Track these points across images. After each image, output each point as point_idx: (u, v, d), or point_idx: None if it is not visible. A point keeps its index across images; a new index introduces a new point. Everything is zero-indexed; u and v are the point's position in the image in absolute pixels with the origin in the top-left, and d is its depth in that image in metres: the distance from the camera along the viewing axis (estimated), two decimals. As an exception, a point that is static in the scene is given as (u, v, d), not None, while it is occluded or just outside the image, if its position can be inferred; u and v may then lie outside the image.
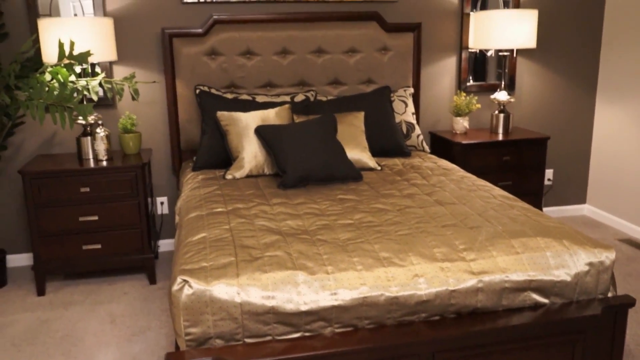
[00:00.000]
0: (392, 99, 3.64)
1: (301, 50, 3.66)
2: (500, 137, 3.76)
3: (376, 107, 3.47)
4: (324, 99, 3.58)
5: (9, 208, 3.61)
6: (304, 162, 2.85)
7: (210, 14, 3.53)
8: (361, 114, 3.32)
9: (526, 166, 3.78)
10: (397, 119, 3.60)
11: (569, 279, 2.03)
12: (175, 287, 1.82)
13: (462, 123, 3.86)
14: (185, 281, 1.82)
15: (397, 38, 3.77)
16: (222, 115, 3.18)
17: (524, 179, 3.80)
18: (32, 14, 3.38)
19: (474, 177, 2.97)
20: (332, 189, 2.79)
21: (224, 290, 1.81)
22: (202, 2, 3.55)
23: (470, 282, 1.95)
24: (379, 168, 3.16)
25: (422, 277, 1.93)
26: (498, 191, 2.71)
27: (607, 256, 2.08)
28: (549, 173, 4.34)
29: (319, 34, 3.66)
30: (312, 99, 3.54)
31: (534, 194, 3.85)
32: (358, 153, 3.13)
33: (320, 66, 3.69)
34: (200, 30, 3.51)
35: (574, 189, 4.46)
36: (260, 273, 1.87)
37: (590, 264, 2.06)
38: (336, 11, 3.68)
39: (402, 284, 1.90)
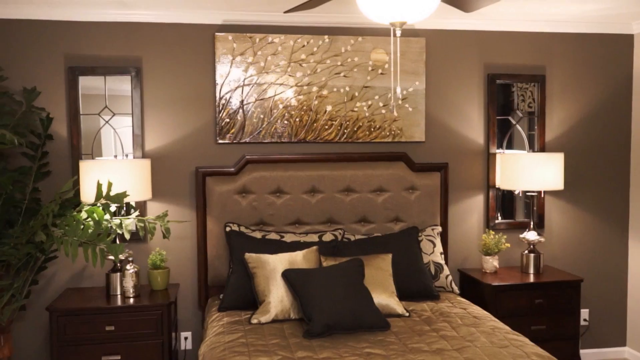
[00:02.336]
0: (420, 238, 3.64)
1: (330, 189, 3.73)
2: (532, 279, 3.68)
3: (404, 248, 3.46)
4: (352, 237, 3.60)
5: (33, 342, 3.59)
6: (330, 310, 2.81)
7: (243, 154, 3.67)
8: (389, 257, 3.30)
9: (560, 309, 3.65)
10: (425, 259, 3.57)
11: None
12: None
13: (491, 262, 3.81)
14: None
15: (424, 177, 3.84)
16: (250, 257, 3.20)
17: (559, 323, 3.65)
18: (75, 154, 3.56)
19: (506, 329, 2.87)
20: (359, 340, 2.71)
21: None
22: (235, 143, 3.71)
23: None
24: (407, 314, 3.09)
25: None
26: (531, 348, 2.60)
27: None
28: (584, 313, 4.17)
29: (347, 174, 3.75)
30: (340, 237, 3.56)
31: (570, 339, 3.68)
32: (385, 298, 3.08)
33: (348, 204, 3.75)
34: (232, 170, 3.64)
35: (613, 330, 4.26)
36: None
37: None
38: (365, 152, 3.80)
39: None
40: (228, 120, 3.68)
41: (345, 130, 3.81)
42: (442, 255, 3.67)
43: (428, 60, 3.90)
